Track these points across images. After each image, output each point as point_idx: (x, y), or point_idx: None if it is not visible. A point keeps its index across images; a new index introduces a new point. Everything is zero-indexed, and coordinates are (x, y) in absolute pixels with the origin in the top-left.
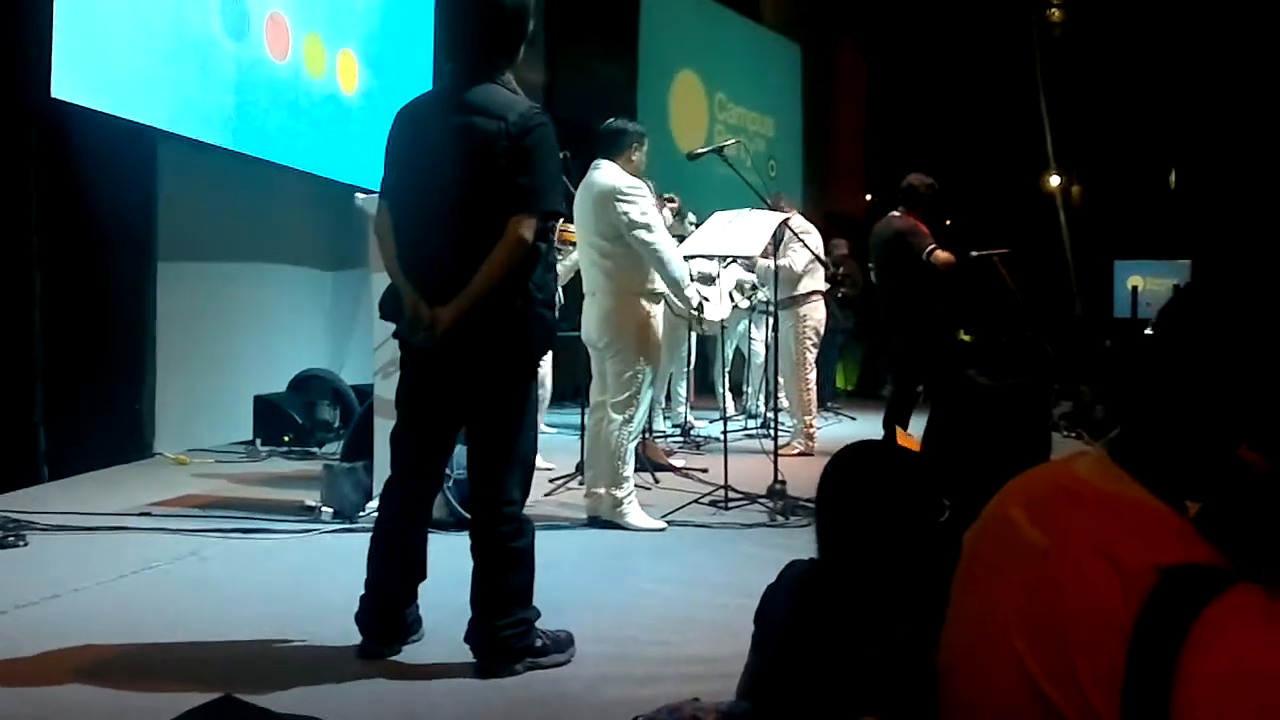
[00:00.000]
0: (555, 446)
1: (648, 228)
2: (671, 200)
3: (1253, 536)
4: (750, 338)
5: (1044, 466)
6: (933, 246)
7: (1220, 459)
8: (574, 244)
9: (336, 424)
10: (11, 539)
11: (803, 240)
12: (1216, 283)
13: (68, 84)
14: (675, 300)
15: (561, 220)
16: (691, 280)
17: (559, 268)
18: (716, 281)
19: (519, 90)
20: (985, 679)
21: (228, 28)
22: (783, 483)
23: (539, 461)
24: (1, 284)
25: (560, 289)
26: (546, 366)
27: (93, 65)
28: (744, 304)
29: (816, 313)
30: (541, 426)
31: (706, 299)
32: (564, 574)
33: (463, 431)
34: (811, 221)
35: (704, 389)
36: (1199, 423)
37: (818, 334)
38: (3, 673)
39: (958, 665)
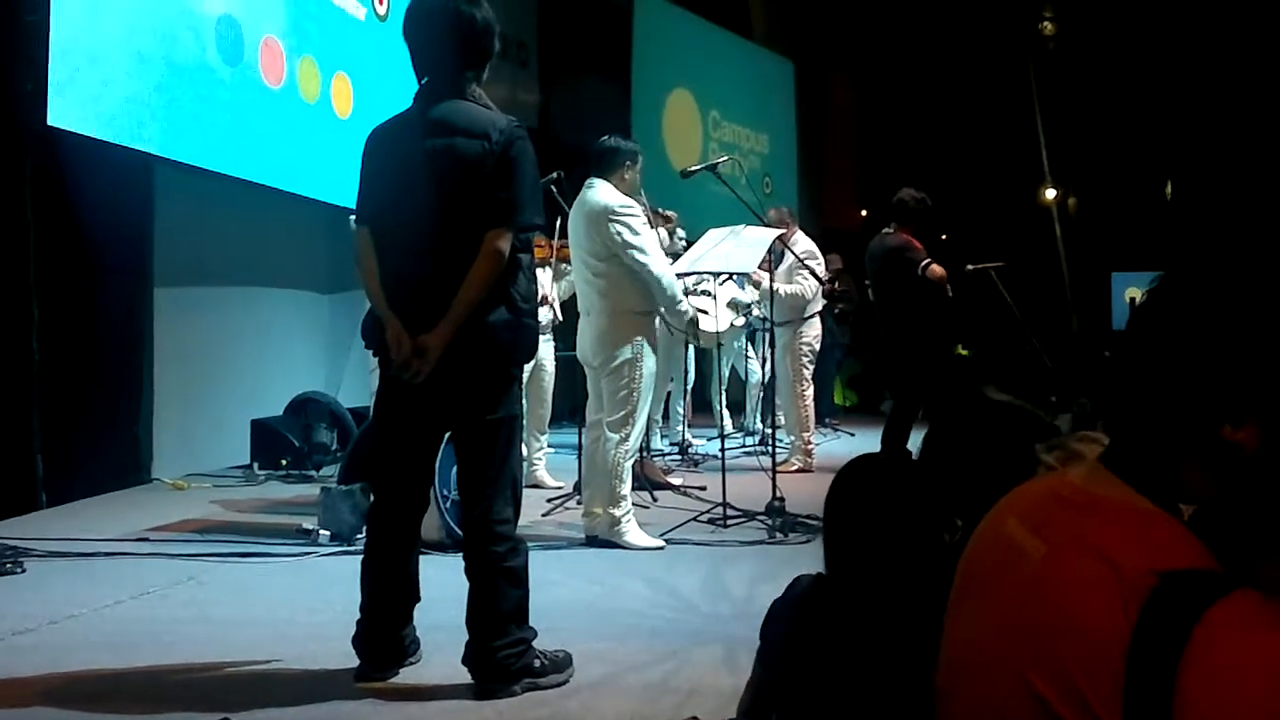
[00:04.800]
0: (553, 466)
1: (640, 249)
2: (668, 219)
3: (1248, 528)
4: (746, 356)
5: (1037, 479)
6: (927, 261)
7: (1205, 445)
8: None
9: (334, 447)
10: (10, 566)
11: (809, 267)
12: (1171, 279)
13: (63, 112)
14: (670, 320)
15: (560, 239)
16: (688, 293)
17: (560, 286)
18: (713, 295)
19: (491, 104)
20: (988, 702)
21: (222, 53)
22: (781, 500)
23: (548, 480)
24: None
25: (559, 308)
26: (548, 383)
27: (88, 93)
28: (739, 322)
29: (811, 330)
30: (544, 446)
31: (705, 311)
32: (562, 594)
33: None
34: (808, 237)
35: (701, 407)
36: (1175, 410)
37: (813, 350)
38: (2, 698)
39: (957, 687)
